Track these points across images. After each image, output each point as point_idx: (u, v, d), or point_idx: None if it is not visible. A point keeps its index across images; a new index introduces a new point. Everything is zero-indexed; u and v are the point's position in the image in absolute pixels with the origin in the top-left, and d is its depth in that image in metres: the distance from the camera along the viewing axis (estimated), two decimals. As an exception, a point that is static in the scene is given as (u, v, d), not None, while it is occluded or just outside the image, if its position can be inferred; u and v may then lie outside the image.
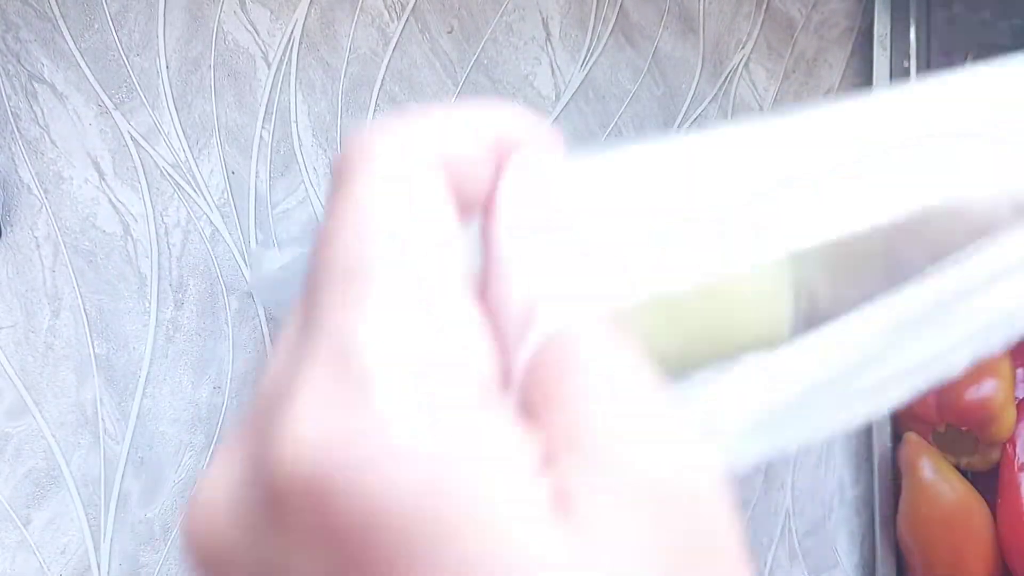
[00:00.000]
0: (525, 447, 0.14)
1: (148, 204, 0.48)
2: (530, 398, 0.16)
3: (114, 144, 0.47)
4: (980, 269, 0.24)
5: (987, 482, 0.60)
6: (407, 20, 0.52)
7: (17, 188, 0.46)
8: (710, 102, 0.59)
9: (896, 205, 0.23)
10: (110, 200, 0.47)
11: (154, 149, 0.48)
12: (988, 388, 0.56)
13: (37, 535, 0.46)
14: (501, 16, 0.54)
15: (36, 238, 0.46)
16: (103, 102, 0.47)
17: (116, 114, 0.47)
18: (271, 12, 0.49)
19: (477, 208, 0.18)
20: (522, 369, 0.16)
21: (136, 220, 0.48)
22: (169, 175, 0.48)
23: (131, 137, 0.47)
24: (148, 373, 0.48)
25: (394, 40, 0.52)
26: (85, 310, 0.47)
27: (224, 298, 0.49)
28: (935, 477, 0.57)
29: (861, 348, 0.22)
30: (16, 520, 0.46)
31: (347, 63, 0.51)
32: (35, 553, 0.46)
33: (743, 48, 0.60)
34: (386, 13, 0.52)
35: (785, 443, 0.20)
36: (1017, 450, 0.58)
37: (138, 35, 0.47)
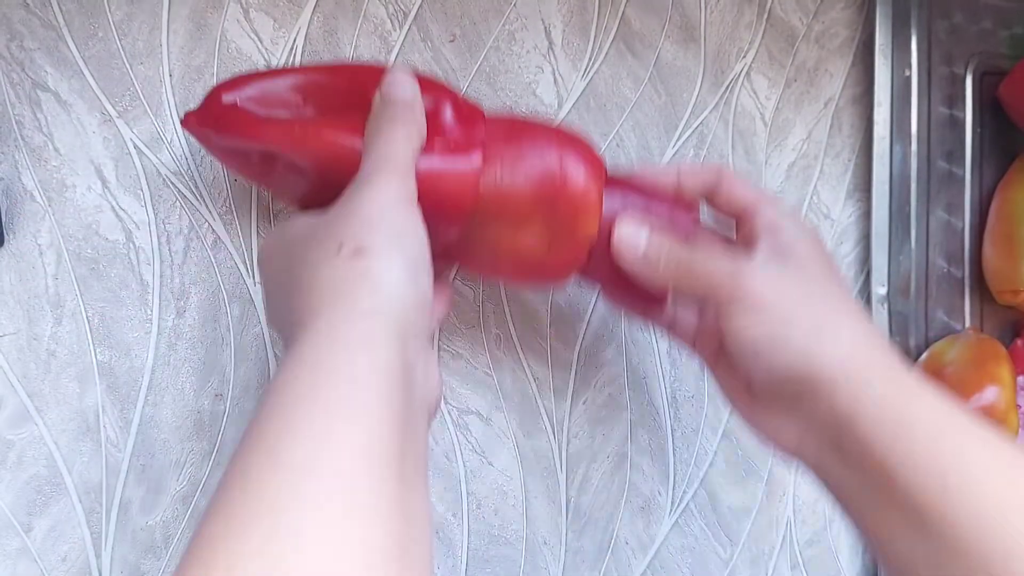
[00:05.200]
0: None
1: (151, 212, 0.48)
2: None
3: (117, 152, 0.47)
4: None
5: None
6: (409, 28, 0.52)
7: (20, 196, 0.46)
8: (711, 111, 0.59)
9: None
10: (113, 208, 0.47)
11: (157, 157, 0.48)
12: (990, 395, 0.56)
13: (38, 543, 0.46)
14: (503, 25, 0.54)
15: (39, 245, 0.46)
16: (106, 110, 0.47)
17: (119, 122, 0.47)
18: (274, 20, 0.50)
19: None
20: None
21: (139, 228, 0.48)
22: (172, 183, 0.48)
23: (134, 145, 0.47)
24: (150, 381, 0.48)
25: (396, 48, 0.52)
26: (87, 317, 0.47)
27: (226, 306, 0.49)
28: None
29: None
30: (17, 527, 0.46)
31: (350, 71, 0.51)
32: (36, 561, 0.46)
33: (744, 57, 0.60)
34: (388, 21, 0.52)
35: None
36: None
37: (142, 43, 0.47)
